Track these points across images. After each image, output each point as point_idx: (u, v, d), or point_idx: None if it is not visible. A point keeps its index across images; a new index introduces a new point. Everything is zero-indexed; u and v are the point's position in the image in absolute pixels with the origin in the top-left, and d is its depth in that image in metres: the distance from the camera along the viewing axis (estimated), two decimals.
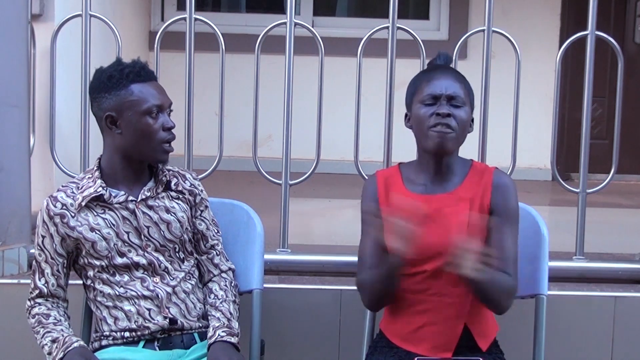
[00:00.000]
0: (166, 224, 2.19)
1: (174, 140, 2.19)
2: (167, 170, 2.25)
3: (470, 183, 2.16)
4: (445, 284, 2.11)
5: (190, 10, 2.79)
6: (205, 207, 2.30)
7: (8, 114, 2.67)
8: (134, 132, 2.13)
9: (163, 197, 2.21)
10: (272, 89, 3.35)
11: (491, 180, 2.16)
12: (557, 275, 2.65)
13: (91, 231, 2.14)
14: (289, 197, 2.85)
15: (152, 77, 2.18)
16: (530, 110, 4.43)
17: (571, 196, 2.96)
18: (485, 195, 2.15)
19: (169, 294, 2.16)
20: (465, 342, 2.14)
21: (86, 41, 2.84)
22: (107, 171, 2.19)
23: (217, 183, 2.84)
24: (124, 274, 2.15)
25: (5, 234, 2.63)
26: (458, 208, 2.12)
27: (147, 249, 2.16)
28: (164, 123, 2.15)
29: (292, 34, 2.80)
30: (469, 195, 2.14)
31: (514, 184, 2.19)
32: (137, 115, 2.12)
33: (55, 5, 3.41)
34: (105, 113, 2.14)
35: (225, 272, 2.29)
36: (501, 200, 2.15)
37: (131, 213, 2.16)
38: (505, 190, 2.17)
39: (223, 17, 5.67)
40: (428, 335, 2.14)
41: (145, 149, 2.15)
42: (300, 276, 2.79)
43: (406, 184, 2.18)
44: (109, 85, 2.14)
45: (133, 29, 5.15)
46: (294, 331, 2.65)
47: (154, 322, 2.13)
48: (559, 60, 2.94)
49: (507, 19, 5.19)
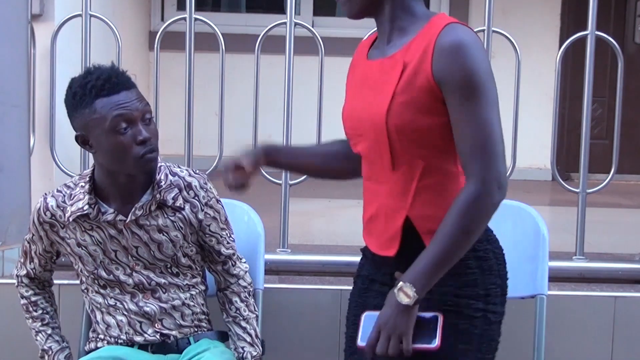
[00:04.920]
0: (157, 244, 2.06)
1: (155, 149, 1.98)
2: (173, 176, 2.08)
3: (417, 44, 1.68)
4: (381, 168, 1.74)
5: (190, 10, 2.79)
6: (214, 219, 2.12)
7: (8, 114, 2.66)
8: (105, 152, 1.96)
9: (157, 214, 2.05)
10: (272, 88, 3.35)
11: (435, 40, 1.65)
12: (557, 276, 2.64)
13: (78, 246, 2.07)
14: (289, 197, 2.85)
15: (120, 88, 1.95)
16: (530, 110, 4.42)
17: (571, 196, 2.96)
18: (425, 59, 1.65)
19: (162, 308, 2.10)
20: (409, 241, 1.73)
21: (86, 41, 2.84)
22: (99, 184, 2.06)
23: (217, 183, 2.84)
24: (114, 287, 2.10)
25: (5, 234, 2.63)
26: (388, 76, 1.70)
27: (135, 268, 2.08)
28: (135, 136, 1.94)
29: (292, 34, 2.80)
30: (407, 59, 1.67)
31: (474, 41, 1.64)
32: (105, 134, 1.94)
33: (55, 5, 3.42)
34: (75, 133, 2.00)
35: (242, 278, 2.20)
36: (447, 66, 1.62)
37: (119, 232, 2.04)
38: (451, 52, 1.62)
39: (223, 17, 5.67)
40: (374, 230, 1.80)
41: (123, 166, 1.98)
42: (300, 276, 2.79)
43: (370, 50, 1.82)
44: (74, 103, 1.97)
45: (133, 29, 5.15)
46: (294, 331, 2.65)
47: (144, 337, 2.10)
48: (559, 60, 2.94)
49: (507, 19, 5.18)
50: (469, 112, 1.63)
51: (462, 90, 1.62)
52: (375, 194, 1.78)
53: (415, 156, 1.70)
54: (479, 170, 1.63)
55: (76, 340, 2.31)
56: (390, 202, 1.75)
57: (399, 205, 1.73)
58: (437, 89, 1.64)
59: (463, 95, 1.62)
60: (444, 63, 1.63)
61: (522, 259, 2.19)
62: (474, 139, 1.63)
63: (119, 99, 1.94)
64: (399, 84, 1.67)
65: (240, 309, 2.17)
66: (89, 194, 2.03)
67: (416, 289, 1.64)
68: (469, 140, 1.63)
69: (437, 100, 1.65)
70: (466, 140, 1.64)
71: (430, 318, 1.69)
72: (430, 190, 1.71)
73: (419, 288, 1.65)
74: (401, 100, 1.67)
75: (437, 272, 1.66)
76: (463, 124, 1.64)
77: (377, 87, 1.72)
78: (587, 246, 2.91)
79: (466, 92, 1.62)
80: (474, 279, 1.74)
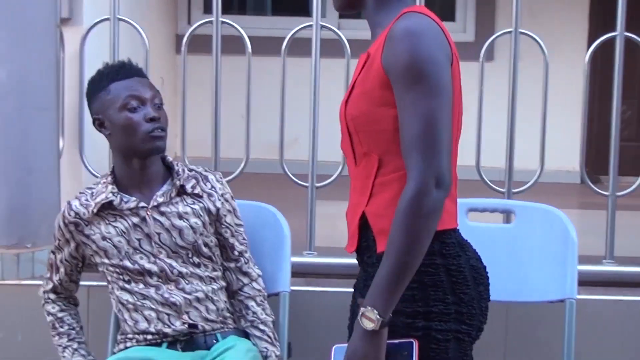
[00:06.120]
0: (178, 231, 2.15)
1: (164, 129, 2.14)
2: (190, 171, 2.21)
3: (381, 37, 1.65)
4: (350, 163, 1.71)
5: (217, 13, 2.80)
6: (229, 212, 2.24)
7: (38, 118, 2.69)
8: (118, 129, 2.13)
9: (177, 202, 2.17)
10: (299, 91, 3.36)
11: (387, 30, 1.61)
12: (587, 279, 2.61)
13: (103, 240, 2.15)
14: (315, 200, 2.85)
15: (133, 74, 2.17)
16: (558, 112, 4.38)
17: (600, 199, 2.93)
18: (378, 48, 1.62)
19: (186, 299, 2.14)
20: (366, 240, 1.68)
21: (114, 45, 2.86)
22: (118, 176, 2.19)
23: (244, 185, 2.85)
24: (139, 281, 2.14)
25: (35, 236, 2.65)
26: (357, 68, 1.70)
27: (158, 256, 2.14)
28: (145, 114, 2.11)
29: (319, 36, 2.81)
30: (371, 50, 1.66)
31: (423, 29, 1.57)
32: (117, 112, 2.12)
33: (83, 9, 3.45)
34: (93, 117, 2.18)
35: (256, 281, 2.25)
36: (391, 53, 1.56)
37: (142, 220, 2.14)
38: (397, 39, 1.56)
39: (249, 19, 5.69)
40: (346, 226, 1.76)
41: (133, 143, 2.12)
42: (327, 279, 2.78)
43: None
44: (92, 90, 2.18)
45: (160, 33, 5.18)
46: (321, 334, 2.64)
47: (172, 328, 2.13)
48: (587, 61, 2.91)
49: (535, 20, 5.14)
50: (409, 102, 1.53)
51: (404, 78, 1.54)
52: (351, 189, 1.74)
53: (371, 150, 1.64)
54: (416, 165, 1.52)
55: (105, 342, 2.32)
56: (354, 197, 1.70)
57: (359, 201, 1.68)
58: (385, 77, 1.58)
59: (405, 83, 1.54)
60: (390, 50, 1.57)
61: (551, 262, 2.17)
62: (413, 129, 1.53)
63: (131, 82, 2.14)
64: (360, 75, 1.66)
65: (257, 313, 2.21)
66: (111, 184, 2.16)
67: (378, 310, 1.53)
68: (408, 131, 1.53)
69: (390, 90, 1.58)
70: (406, 131, 1.54)
71: (403, 344, 1.58)
72: (385, 188, 1.62)
73: (381, 309, 1.53)
74: (358, 91, 1.64)
75: (395, 287, 1.53)
76: (403, 114, 1.55)
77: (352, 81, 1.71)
78: (617, 250, 2.87)
79: (408, 80, 1.54)
80: (412, 294, 1.61)
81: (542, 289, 2.38)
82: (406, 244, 1.52)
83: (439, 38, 1.59)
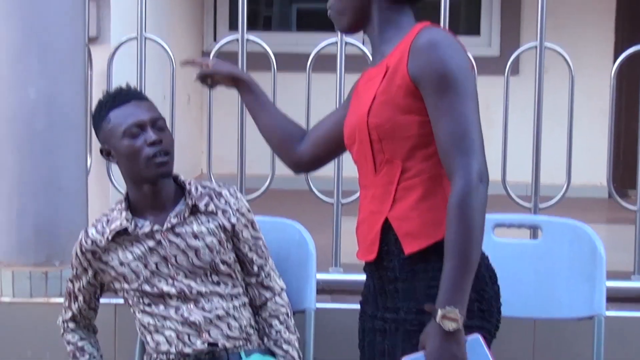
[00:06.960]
0: (194, 251, 2.14)
1: (167, 153, 2.12)
2: (203, 188, 2.20)
3: (398, 49, 1.74)
4: (367, 172, 1.79)
5: (243, 30, 2.82)
6: (246, 226, 2.21)
7: (66, 136, 2.72)
8: (123, 157, 2.13)
9: (191, 221, 2.15)
10: (324, 107, 3.35)
11: (411, 41, 1.71)
12: (615, 295, 2.59)
13: (121, 266, 2.16)
14: (341, 216, 2.85)
15: (130, 98, 2.16)
16: (584, 126, 4.36)
17: (628, 214, 2.90)
18: (402, 60, 1.70)
19: (206, 318, 2.13)
20: (387, 245, 1.75)
21: (141, 63, 2.90)
22: (132, 200, 2.19)
23: (269, 202, 2.86)
24: (159, 303, 2.15)
25: (63, 254, 2.68)
26: (373, 82, 1.77)
27: (176, 278, 2.14)
28: (146, 139, 2.11)
29: (343, 52, 2.82)
30: (389, 63, 1.74)
31: (447, 40, 1.69)
32: (119, 140, 2.12)
33: (111, 28, 3.49)
34: (99, 148, 2.20)
35: (279, 295, 2.24)
36: (421, 63, 1.67)
37: (157, 243, 2.14)
38: (425, 50, 1.67)
39: (274, 36, 5.71)
40: (360, 236, 1.84)
41: (138, 170, 2.12)
42: (353, 296, 2.77)
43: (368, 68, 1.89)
44: (95, 121, 2.20)
45: (187, 50, 5.22)
46: (347, 351, 2.63)
47: (193, 347, 2.13)
48: (614, 74, 2.89)
49: (560, 33, 5.11)
50: (445, 108, 1.65)
51: (437, 86, 1.66)
52: (364, 199, 1.82)
53: (394, 157, 1.72)
54: (461, 164, 1.63)
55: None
56: (373, 205, 1.77)
57: (380, 209, 1.75)
58: (413, 87, 1.69)
59: (438, 91, 1.66)
60: (419, 61, 1.68)
61: (579, 278, 2.16)
62: (452, 134, 1.65)
63: (129, 108, 2.13)
64: (381, 85, 1.73)
65: (281, 332, 2.20)
66: (125, 210, 2.15)
67: (458, 308, 1.60)
68: (447, 136, 1.65)
69: (415, 98, 1.69)
70: (444, 135, 1.65)
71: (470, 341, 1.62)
72: (409, 193, 1.72)
73: (460, 306, 1.61)
74: (381, 100, 1.73)
75: (467, 283, 1.62)
76: (440, 119, 1.66)
77: (364, 93, 1.78)
78: None
79: (441, 88, 1.66)
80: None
81: (570, 305, 2.36)
82: (467, 239, 1.61)
83: (462, 49, 1.73)
